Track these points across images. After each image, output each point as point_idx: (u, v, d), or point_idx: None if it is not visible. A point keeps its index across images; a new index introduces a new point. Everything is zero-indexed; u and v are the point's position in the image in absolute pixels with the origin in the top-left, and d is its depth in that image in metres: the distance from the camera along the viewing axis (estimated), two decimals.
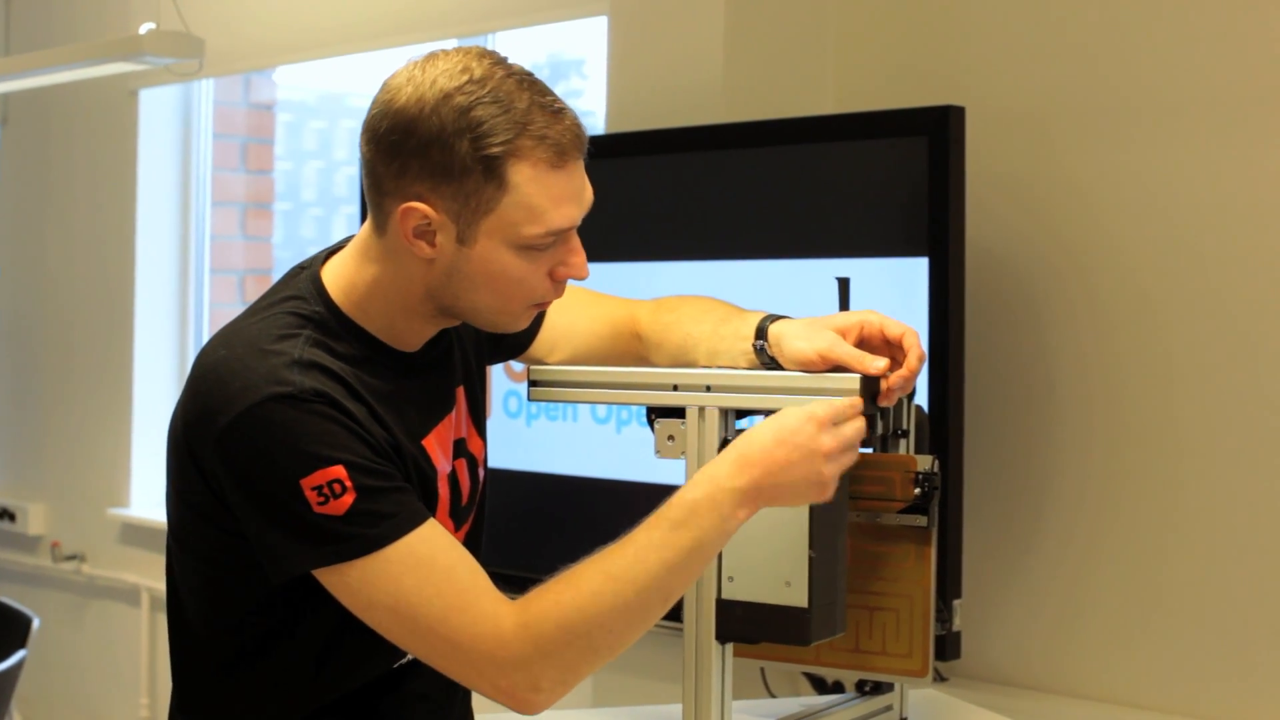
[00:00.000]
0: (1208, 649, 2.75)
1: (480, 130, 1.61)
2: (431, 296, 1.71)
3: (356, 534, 1.58)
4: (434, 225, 1.65)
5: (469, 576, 1.63)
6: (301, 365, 1.63)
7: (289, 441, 1.58)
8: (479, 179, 1.62)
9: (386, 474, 1.63)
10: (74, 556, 5.25)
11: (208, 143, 5.06)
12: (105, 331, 5.15)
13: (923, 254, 2.71)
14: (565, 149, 1.66)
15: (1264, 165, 2.69)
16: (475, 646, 1.61)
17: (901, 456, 1.95)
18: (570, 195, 1.68)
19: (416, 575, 1.60)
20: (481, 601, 1.62)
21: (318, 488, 1.58)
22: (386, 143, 1.64)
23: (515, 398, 3.33)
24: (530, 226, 1.65)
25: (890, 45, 3.19)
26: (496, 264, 1.67)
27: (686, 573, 1.66)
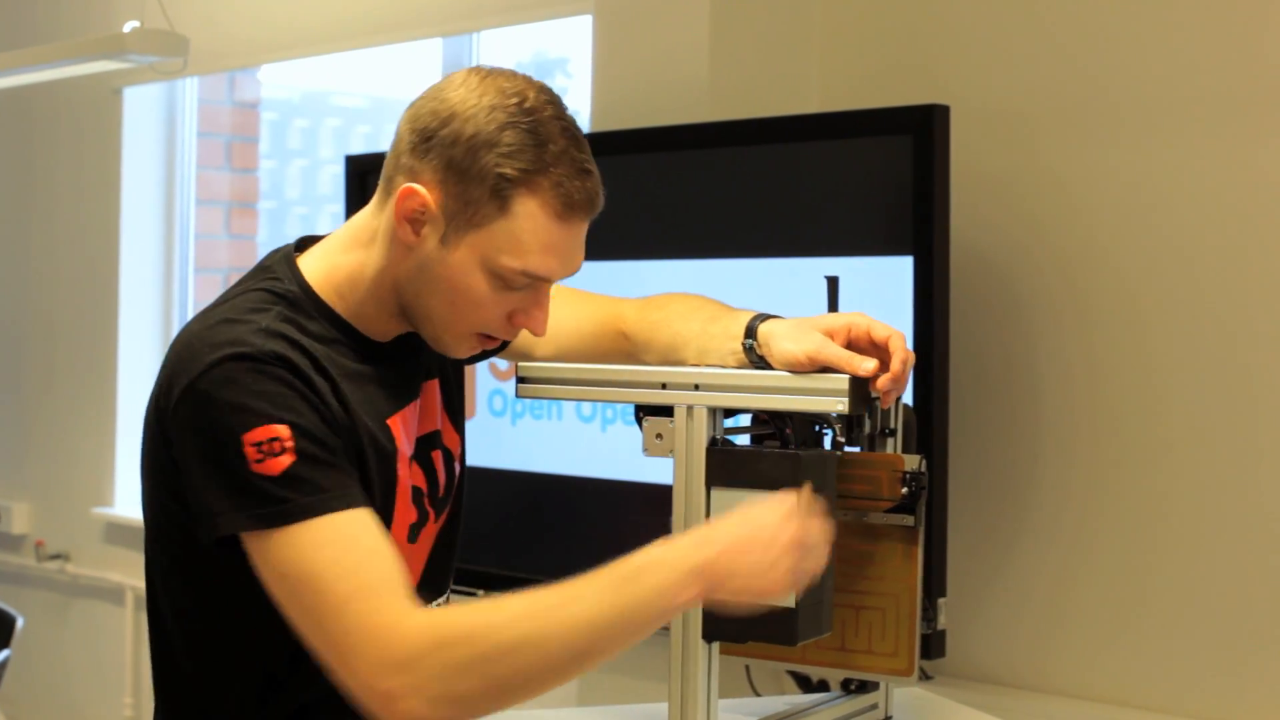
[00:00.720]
0: (1191, 647, 2.76)
1: (507, 149, 1.65)
2: (398, 289, 1.73)
3: (287, 498, 1.57)
4: (426, 216, 1.67)
5: (388, 568, 1.58)
6: (267, 333, 1.65)
7: (239, 397, 1.59)
8: (486, 192, 1.65)
9: (331, 448, 1.62)
10: (58, 556, 5.24)
11: (192, 141, 5.05)
12: (89, 331, 5.14)
13: (908, 253, 2.72)
14: (575, 205, 1.69)
15: (1248, 164, 2.70)
16: (368, 636, 1.54)
17: (889, 456, 1.96)
18: (560, 250, 1.70)
19: (335, 551, 1.57)
20: (395, 594, 1.56)
21: (258, 444, 1.57)
22: (423, 124, 1.68)
23: (500, 396, 3.33)
24: (510, 259, 1.67)
25: (875, 44, 3.20)
26: (464, 278, 1.69)
27: (613, 632, 1.58)
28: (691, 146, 3.06)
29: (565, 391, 1.96)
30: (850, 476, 1.93)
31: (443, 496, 1.87)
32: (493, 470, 3.31)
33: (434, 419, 1.87)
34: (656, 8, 3.29)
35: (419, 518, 1.82)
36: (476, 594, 3.29)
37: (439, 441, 1.88)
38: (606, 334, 2.06)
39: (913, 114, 2.73)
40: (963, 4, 3.07)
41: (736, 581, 1.60)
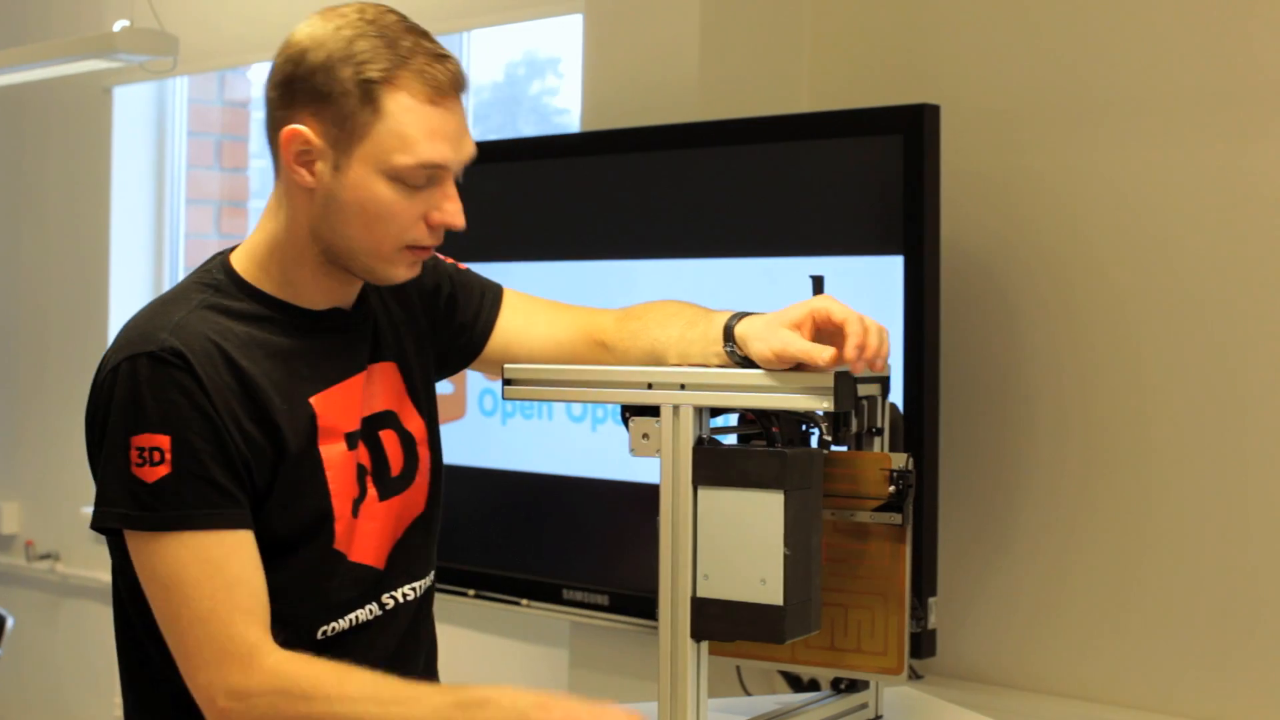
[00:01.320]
0: (1180, 645, 2.76)
1: (362, 58, 1.70)
2: (315, 236, 1.77)
3: (157, 506, 1.66)
4: (314, 152, 1.73)
5: (250, 599, 1.68)
6: (177, 327, 1.71)
7: (135, 398, 1.68)
8: (356, 103, 1.70)
9: (212, 463, 1.68)
10: (48, 555, 5.24)
11: (182, 140, 5.05)
12: (80, 330, 5.13)
13: (898, 252, 2.72)
14: (443, 87, 1.73)
15: (1235, 164, 2.70)
16: (218, 658, 1.66)
17: (876, 454, 1.95)
18: (445, 133, 1.74)
19: (199, 571, 1.66)
20: (250, 625, 1.67)
21: (141, 449, 1.67)
22: (280, 76, 1.75)
23: (490, 396, 3.33)
24: (401, 155, 1.71)
25: (865, 44, 3.20)
26: (367, 192, 1.72)
27: None
28: (682, 146, 3.06)
29: (552, 393, 1.96)
30: (837, 475, 1.93)
31: (396, 477, 1.89)
32: (484, 470, 3.31)
33: (388, 400, 1.90)
34: (647, 7, 3.29)
35: (360, 493, 1.84)
36: (467, 593, 3.29)
37: (394, 422, 1.90)
38: (585, 344, 2.07)
39: (903, 114, 2.73)
40: (952, 4, 3.07)
41: None
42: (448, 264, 2.06)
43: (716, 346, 1.90)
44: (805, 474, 1.81)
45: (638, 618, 2.96)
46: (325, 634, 1.81)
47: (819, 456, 1.87)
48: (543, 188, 3.28)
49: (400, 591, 1.91)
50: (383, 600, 1.89)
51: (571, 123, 4.07)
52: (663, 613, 1.85)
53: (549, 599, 3.18)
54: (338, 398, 1.82)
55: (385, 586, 1.89)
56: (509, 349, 2.06)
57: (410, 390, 1.93)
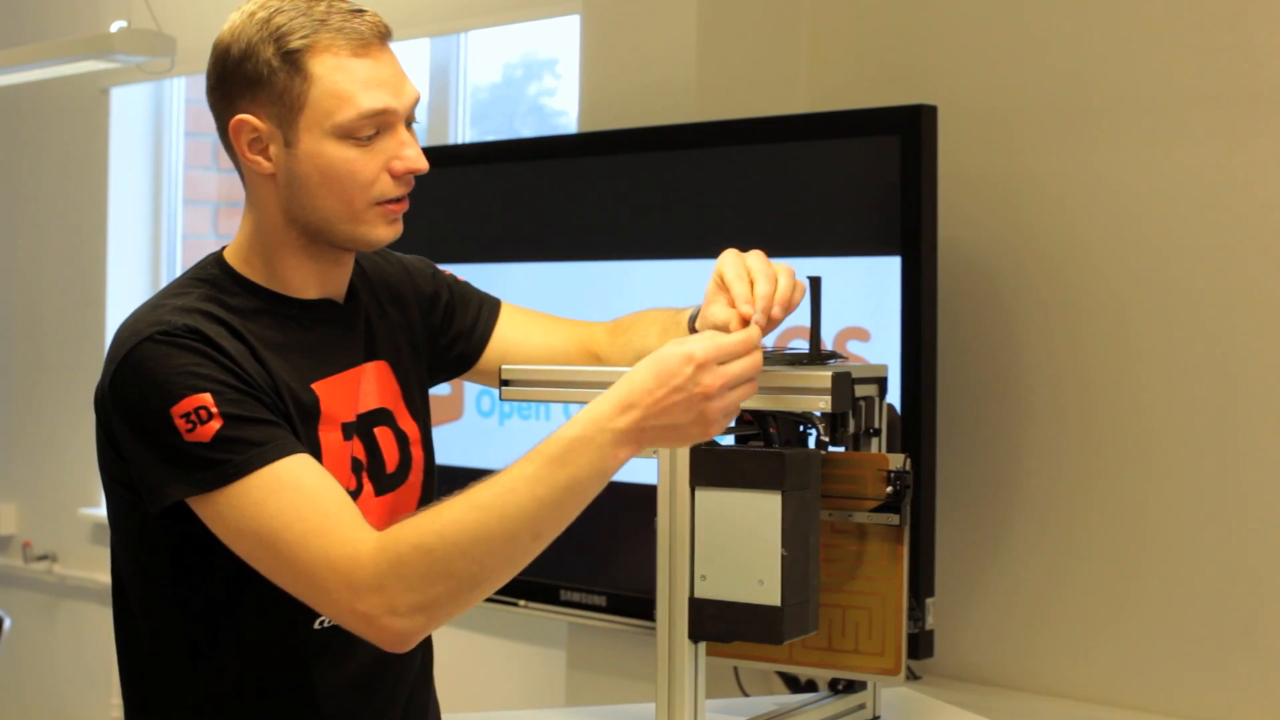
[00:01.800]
0: (1177, 646, 2.76)
1: (280, 32, 1.72)
2: (291, 219, 1.77)
3: (224, 460, 1.63)
4: (263, 137, 1.74)
5: (333, 503, 1.65)
6: (183, 310, 1.71)
7: (161, 374, 1.65)
8: (285, 77, 1.71)
9: (254, 403, 1.67)
10: (45, 556, 5.23)
11: (180, 141, 5.04)
12: (77, 330, 5.13)
13: (895, 253, 2.72)
14: (366, 38, 1.74)
15: (1231, 164, 2.71)
16: (332, 569, 1.61)
17: (873, 455, 1.96)
18: (379, 81, 1.74)
19: (280, 499, 1.63)
20: (343, 526, 1.63)
21: (186, 414, 1.63)
22: (214, 78, 1.77)
23: (488, 397, 3.33)
24: (342, 112, 1.72)
25: (862, 45, 3.20)
26: (323, 159, 1.73)
27: (559, 510, 1.64)
28: (679, 147, 3.06)
29: (549, 394, 1.96)
30: (835, 476, 1.93)
31: (392, 474, 1.89)
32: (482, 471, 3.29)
33: (383, 399, 1.90)
34: (644, 8, 3.29)
35: (356, 487, 1.84)
36: None
37: (389, 420, 1.90)
38: (580, 356, 2.09)
39: (900, 114, 2.73)
40: (950, 5, 3.07)
41: (665, 437, 1.64)
42: (447, 275, 2.08)
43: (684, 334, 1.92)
44: (803, 475, 1.81)
45: (635, 619, 2.96)
46: (323, 624, 1.82)
47: (817, 457, 1.87)
48: (541, 189, 3.28)
49: None
50: None
51: (569, 124, 4.07)
52: (660, 614, 1.85)
53: (547, 600, 3.17)
54: (337, 387, 1.82)
55: None
56: (505, 360, 2.07)
57: (405, 392, 1.94)
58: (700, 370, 1.62)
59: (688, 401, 1.62)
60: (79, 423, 5.08)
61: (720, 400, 1.63)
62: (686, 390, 1.62)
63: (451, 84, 4.14)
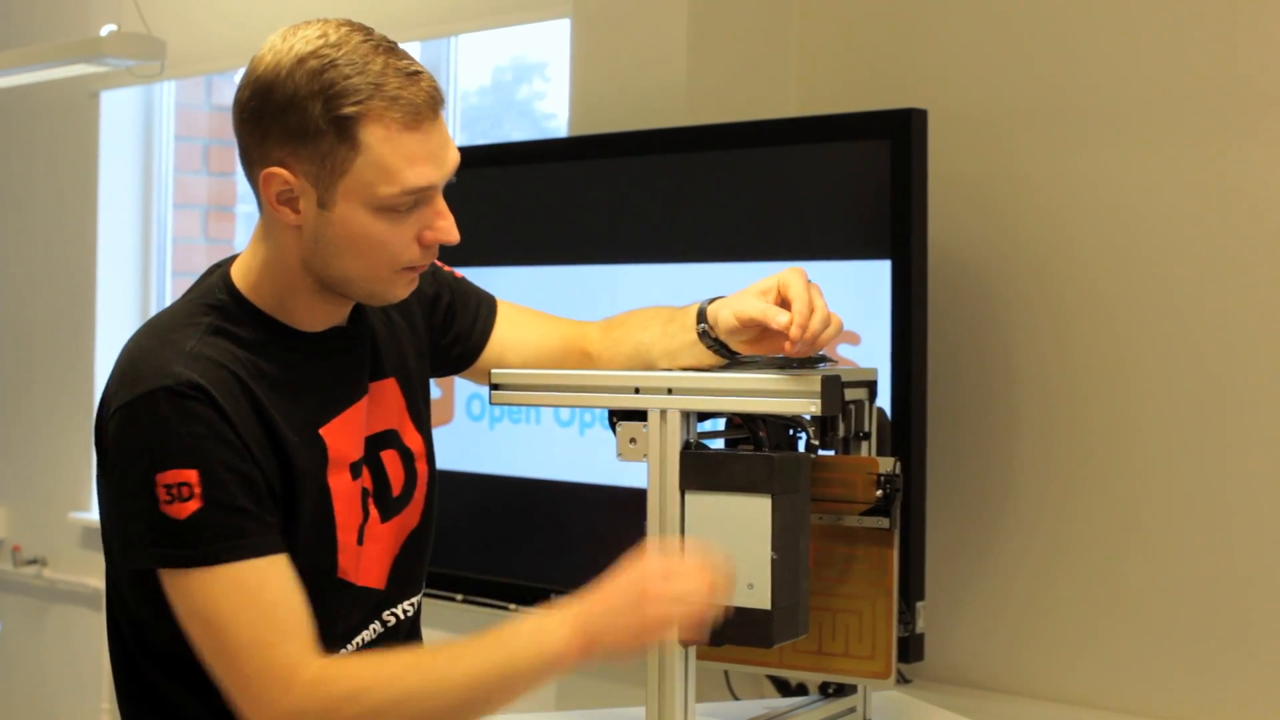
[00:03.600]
0: (1166, 649, 2.77)
1: (332, 92, 1.63)
2: (307, 268, 1.73)
3: (192, 545, 1.61)
4: (295, 190, 1.67)
5: (288, 619, 1.65)
6: (191, 357, 1.66)
7: (157, 435, 1.63)
8: (332, 140, 1.64)
9: (240, 490, 1.64)
10: (35, 561, 5.22)
11: (169, 145, 5.03)
12: (67, 334, 5.12)
13: (885, 256, 2.72)
14: (419, 110, 1.67)
15: (1220, 169, 2.71)
16: (264, 685, 1.62)
17: (863, 458, 1.96)
18: (426, 156, 1.68)
19: (236, 602, 1.62)
20: (288, 645, 1.63)
21: (168, 485, 1.61)
22: (249, 111, 1.68)
23: (478, 401, 3.32)
24: (385, 186, 1.66)
25: (853, 49, 3.20)
26: (357, 226, 1.68)
27: (495, 687, 1.66)
28: (670, 150, 3.06)
29: (540, 398, 1.96)
30: (825, 479, 1.93)
31: (397, 497, 1.87)
32: (471, 475, 3.30)
33: (390, 418, 1.88)
34: (635, 12, 3.29)
35: (363, 518, 1.82)
36: (455, 598, 3.29)
37: (395, 441, 1.88)
38: (571, 353, 2.08)
39: (890, 118, 2.73)
40: (940, 9, 3.08)
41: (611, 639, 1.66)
42: (446, 272, 2.06)
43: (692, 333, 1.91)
44: (792, 478, 1.81)
45: None
46: None
47: (806, 460, 1.87)
48: (531, 192, 3.28)
49: (400, 608, 1.91)
50: (384, 618, 1.89)
51: (560, 127, 4.07)
52: None
53: (537, 604, 3.17)
54: (344, 426, 1.80)
55: (386, 605, 1.88)
56: (502, 359, 2.06)
57: (410, 405, 1.91)
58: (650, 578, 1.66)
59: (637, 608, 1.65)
60: (68, 426, 5.07)
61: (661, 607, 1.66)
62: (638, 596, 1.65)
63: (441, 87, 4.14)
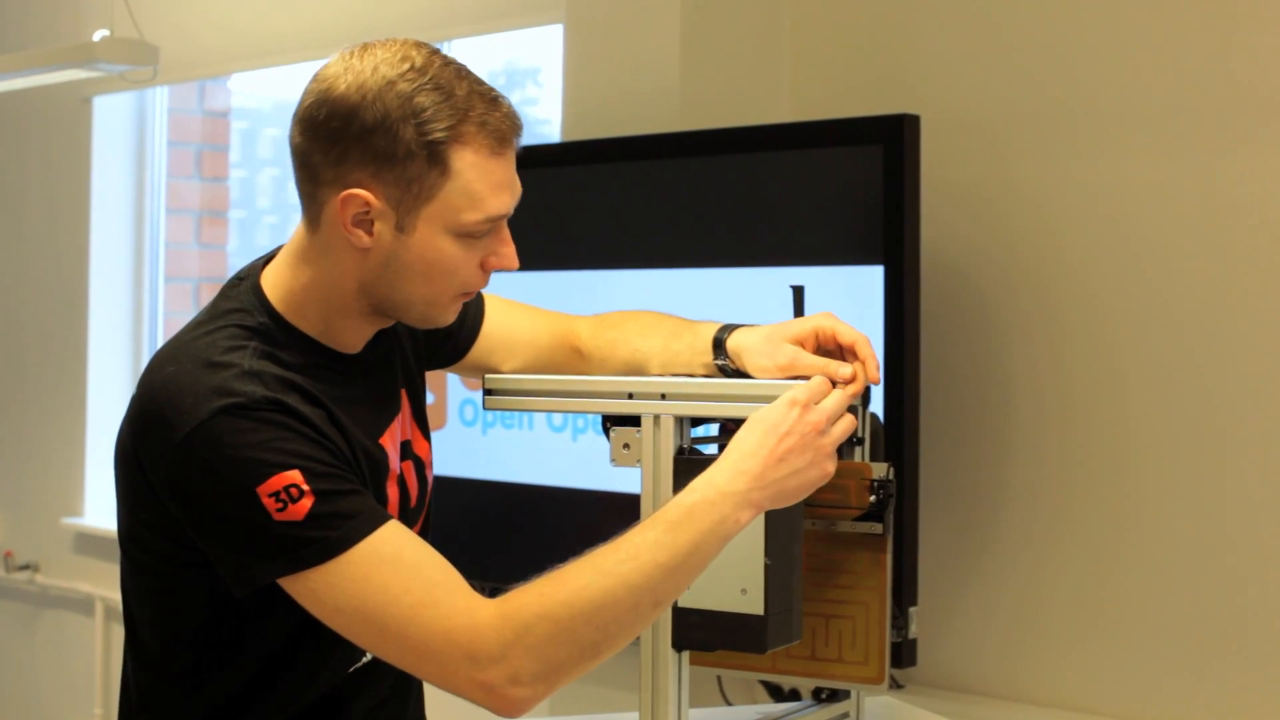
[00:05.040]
0: (1158, 655, 2.77)
1: (424, 116, 1.62)
2: (365, 291, 1.71)
3: (318, 538, 1.56)
4: (373, 213, 1.65)
5: (438, 572, 1.60)
6: (252, 375, 1.62)
7: (243, 452, 1.57)
8: (422, 165, 1.63)
9: (343, 476, 1.61)
10: (27, 566, 5.21)
11: (162, 150, 5.03)
12: (59, 339, 5.11)
13: (878, 262, 2.72)
14: (505, 136, 1.67)
15: (1212, 174, 2.71)
16: (450, 640, 1.57)
17: (856, 464, 1.96)
18: (506, 183, 1.69)
19: (382, 573, 1.57)
20: (454, 595, 1.59)
21: (275, 494, 1.56)
22: (325, 130, 1.64)
23: (471, 406, 3.32)
24: (470, 213, 1.66)
25: (846, 54, 3.20)
26: (434, 251, 1.67)
27: (680, 575, 1.62)
28: (663, 156, 3.06)
29: (532, 403, 1.96)
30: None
31: (414, 508, 1.87)
32: (464, 480, 3.30)
33: (405, 429, 1.86)
34: (627, 17, 3.29)
35: None
36: None
37: (411, 451, 1.87)
38: (561, 348, 2.07)
39: (883, 124, 2.74)
40: (933, 15, 3.08)
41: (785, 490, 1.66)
42: None
43: (705, 358, 1.90)
44: None
45: None
46: (357, 667, 1.80)
47: None
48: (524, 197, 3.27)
49: None
50: None
51: (552, 133, 4.07)
52: None
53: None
54: (392, 439, 1.79)
55: None
56: (492, 354, 2.05)
57: (416, 412, 1.90)
58: (805, 410, 1.67)
59: (801, 443, 1.66)
60: (61, 432, 5.07)
61: (829, 435, 1.68)
62: (798, 432, 1.66)
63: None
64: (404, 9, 4.05)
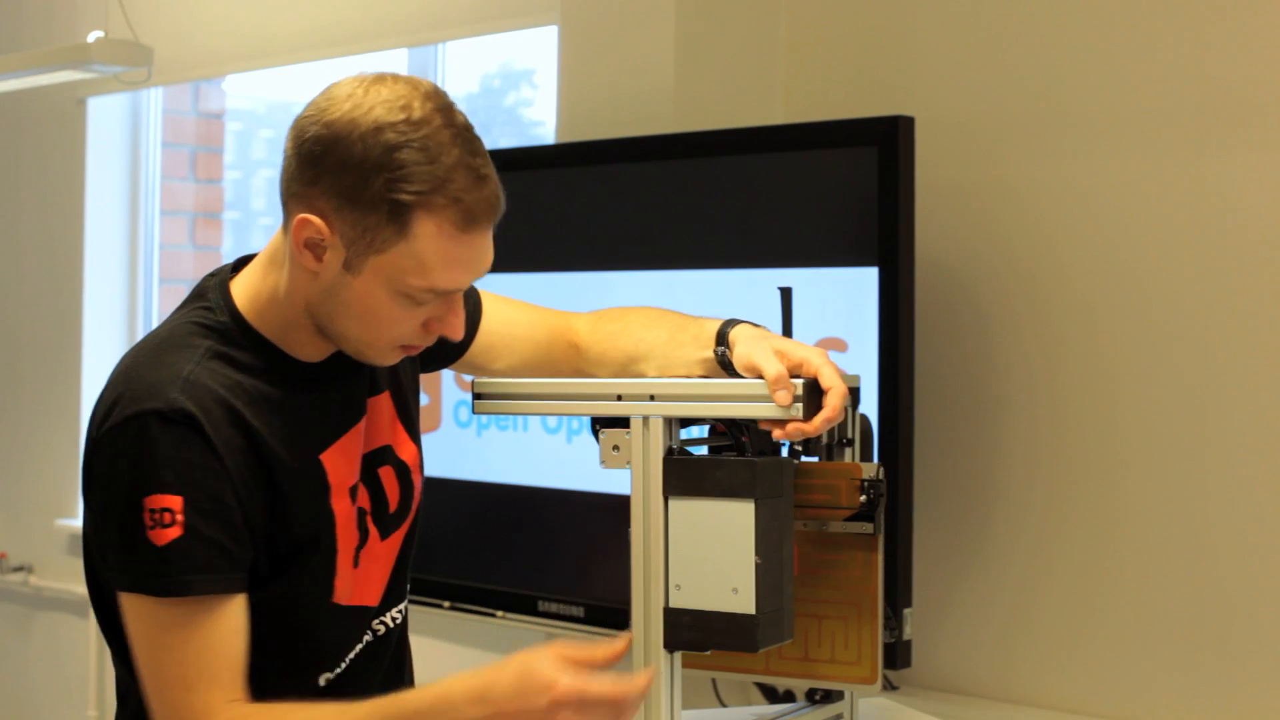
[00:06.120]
0: (1151, 655, 2.77)
1: (398, 174, 1.61)
2: (309, 311, 1.72)
3: (164, 571, 1.62)
4: (326, 243, 1.65)
5: (219, 664, 1.65)
6: (187, 383, 1.66)
7: (146, 458, 1.62)
8: (382, 218, 1.62)
9: (220, 524, 1.64)
10: (21, 568, 5.21)
11: (156, 152, 5.03)
12: (53, 341, 5.11)
13: (872, 263, 2.72)
14: (476, 217, 1.66)
15: (1202, 176, 2.72)
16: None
17: (846, 464, 1.96)
18: (465, 261, 1.68)
19: (179, 636, 1.64)
20: (211, 691, 1.64)
21: (153, 510, 1.61)
22: (308, 149, 1.65)
23: (465, 408, 3.32)
24: (416, 278, 1.65)
25: (839, 56, 3.20)
26: (374, 300, 1.67)
27: None
28: (657, 158, 3.06)
29: (520, 406, 1.96)
30: (809, 485, 1.93)
31: (394, 513, 1.87)
32: (458, 481, 3.30)
33: (385, 433, 1.87)
34: (622, 19, 3.29)
35: (360, 540, 1.82)
36: (442, 605, 3.28)
37: (390, 456, 1.87)
38: (558, 344, 2.06)
39: (877, 125, 2.74)
40: (926, 17, 3.08)
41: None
42: None
43: (708, 350, 1.89)
44: (775, 483, 1.81)
45: (614, 629, 2.95)
46: (328, 679, 1.81)
47: (789, 465, 1.87)
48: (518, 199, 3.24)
49: (389, 616, 1.90)
50: (374, 628, 1.88)
51: (547, 134, 4.07)
52: (635, 623, 1.85)
53: (524, 611, 3.17)
54: (343, 451, 1.79)
55: (376, 615, 1.88)
56: (491, 350, 2.05)
57: (403, 416, 1.90)
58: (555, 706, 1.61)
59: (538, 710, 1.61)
60: (55, 434, 5.06)
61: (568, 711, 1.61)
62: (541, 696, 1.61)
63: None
64: (399, 11, 4.04)
